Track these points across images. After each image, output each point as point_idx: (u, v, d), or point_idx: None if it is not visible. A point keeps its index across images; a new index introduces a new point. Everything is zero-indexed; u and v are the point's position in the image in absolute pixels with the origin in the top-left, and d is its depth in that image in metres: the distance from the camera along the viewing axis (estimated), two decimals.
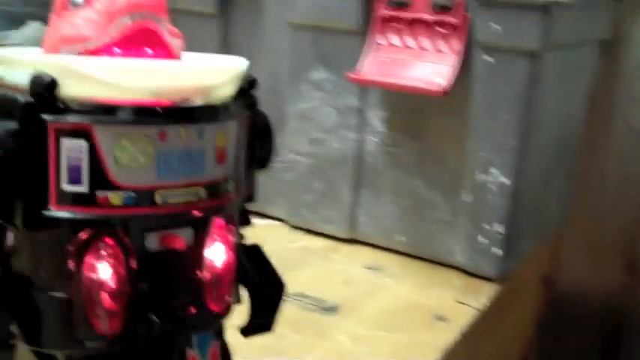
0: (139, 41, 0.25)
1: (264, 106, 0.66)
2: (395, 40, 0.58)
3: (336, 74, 0.62)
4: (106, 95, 0.23)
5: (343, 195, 0.64)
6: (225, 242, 0.27)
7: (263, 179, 0.67)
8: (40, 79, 0.22)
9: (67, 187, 0.23)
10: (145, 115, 0.23)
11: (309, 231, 0.66)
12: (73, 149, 0.23)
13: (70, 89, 0.23)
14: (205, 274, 0.27)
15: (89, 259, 0.24)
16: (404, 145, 0.61)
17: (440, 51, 0.57)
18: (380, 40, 0.59)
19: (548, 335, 0.84)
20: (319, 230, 0.66)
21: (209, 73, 0.25)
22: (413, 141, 0.61)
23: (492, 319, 0.59)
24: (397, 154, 0.62)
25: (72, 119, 0.23)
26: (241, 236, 0.31)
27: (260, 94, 0.68)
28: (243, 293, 0.32)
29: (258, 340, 0.47)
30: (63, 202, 0.23)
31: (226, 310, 0.29)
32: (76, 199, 0.23)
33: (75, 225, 0.24)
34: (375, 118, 0.62)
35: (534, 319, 0.78)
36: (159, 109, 0.24)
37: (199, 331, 0.28)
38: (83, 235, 0.24)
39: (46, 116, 0.23)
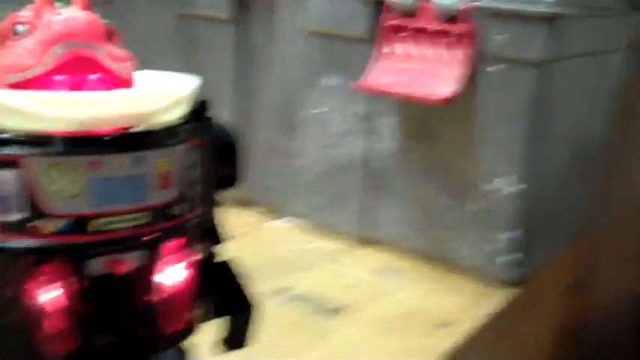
0: (79, 69, 0.25)
1: (278, 111, 0.68)
2: (401, 48, 0.59)
3: (346, 81, 0.63)
4: (35, 127, 0.23)
5: (354, 199, 0.65)
6: (179, 263, 0.28)
7: (280, 182, 0.68)
8: None
9: (0, 217, 0.24)
10: (74, 145, 0.24)
11: (322, 233, 0.67)
12: (4, 180, 0.24)
13: (3, 121, 0.24)
14: (154, 296, 0.27)
15: (30, 286, 0.25)
16: (414, 152, 0.61)
17: (445, 60, 0.57)
18: (387, 48, 0.59)
19: (582, 341, 0.83)
20: (332, 233, 0.67)
21: (146, 100, 0.26)
22: (422, 148, 0.61)
23: (506, 325, 0.59)
24: (407, 160, 0.62)
25: (3, 150, 0.23)
26: (210, 254, 0.31)
27: (274, 99, 0.69)
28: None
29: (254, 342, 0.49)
30: None
31: (183, 331, 0.29)
32: (10, 228, 0.24)
33: (13, 253, 0.24)
34: (385, 125, 0.63)
35: (558, 325, 0.78)
36: (88, 140, 0.24)
37: (152, 351, 0.28)
38: (23, 263, 0.24)
39: None
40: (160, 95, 0.26)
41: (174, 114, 0.27)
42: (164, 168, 0.26)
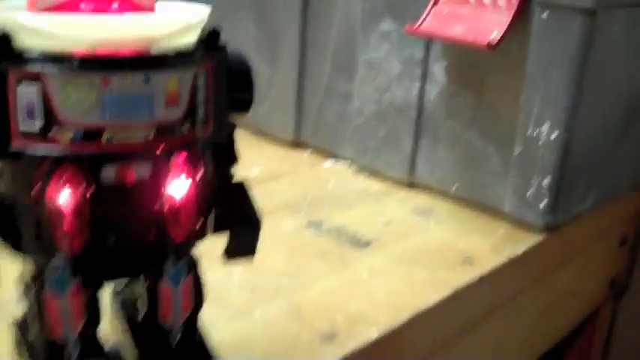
0: None
1: (337, 55, 0.70)
2: None
3: (402, 26, 0.64)
4: (54, 46, 0.27)
5: (404, 142, 0.67)
6: (186, 177, 0.30)
7: (335, 122, 0.71)
8: None
9: (24, 125, 0.28)
10: (88, 64, 0.27)
11: (371, 174, 0.70)
12: (28, 93, 0.27)
13: (25, 41, 0.27)
14: (163, 206, 0.30)
15: (49, 189, 0.28)
16: (462, 97, 0.62)
17: (498, 6, 0.57)
18: None
19: (632, 298, 0.82)
20: (381, 174, 0.69)
21: (157, 25, 0.28)
22: (471, 93, 0.62)
23: (535, 269, 0.60)
24: (455, 105, 0.63)
25: (27, 67, 0.27)
26: (225, 173, 0.34)
27: (334, 41, 0.71)
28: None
29: (279, 262, 0.52)
30: (23, 139, 0.28)
31: (188, 240, 0.31)
32: (32, 136, 0.28)
33: (35, 158, 0.28)
34: (438, 70, 0.64)
35: (605, 279, 0.77)
36: (101, 59, 0.27)
37: (160, 256, 0.31)
38: (44, 167, 0.28)
39: (5, 65, 0.27)
40: (170, 21, 0.29)
41: (184, 39, 0.29)
42: (172, 88, 0.28)
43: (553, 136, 0.57)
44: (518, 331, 0.63)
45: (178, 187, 0.30)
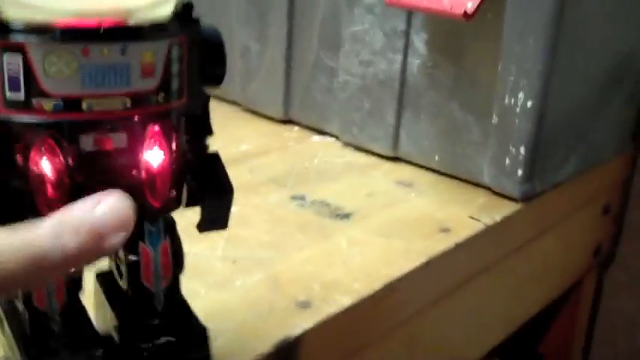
0: None
1: (322, 30, 0.71)
2: None
3: None
4: (36, 17, 0.28)
5: (388, 115, 0.68)
6: (161, 146, 0.32)
7: (322, 98, 0.72)
8: None
9: (9, 95, 0.29)
10: (69, 34, 0.28)
11: (357, 148, 0.71)
12: (12, 62, 0.29)
13: (9, 12, 0.28)
14: (141, 173, 0.32)
15: (33, 155, 0.30)
16: (442, 68, 0.63)
17: None
18: None
19: (616, 267, 0.83)
20: (366, 148, 0.70)
21: None
22: (451, 64, 0.63)
23: (512, 238, 0.61)
24: (436, 76, 0.64)
25: (11, 38, 0.28)
26: (199, 143, 0.36)
27: (320, 17, 0.71)
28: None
29: (262, 234, 0.54)
30: (8, 108, 0.29)
31: (166, 206, 0.33)
32: (17, 105, 0.29)
33: (20, 127, 0.30)
34: (419, 41, 0.65)
35: (589, 248, 0.79)
36: (80, 30, 0.28)
37: (138, 220, 0.32)
38: (27, 135, 0.30)
39: None
40: None
41: (159, 12, 0.30)
42: (147, 59, 0.30)
43: (529, 105, 0.58)
44: (497, 300, 0.65)
45: (154, 155, 0.32)
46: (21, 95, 0.29)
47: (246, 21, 0.78)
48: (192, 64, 0.33)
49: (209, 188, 0.36)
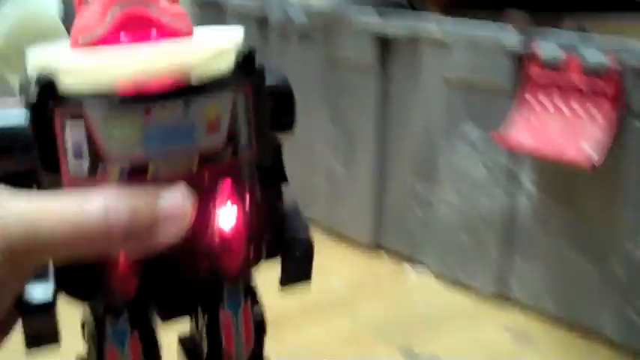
0: (137, 26, 0.28)
1: (417, 159, 0.67)
2: (544, 102, 0.57)
3: (486, 131, 0.62)
4: (95, 85, 0.27)
5: (490, 254, 0.64)
6: (233, 204, 0.29)
7: (416, 230, 0.68)
8: (43, 78, 0.27)
9: (73, 167, 0.27)
10: (127, 100, 0.27)
11: (455, 287, 0.66)
12: (75, 133, 0.27)
13: (68, 81, 0.27)
14: (214, 238, 0.29)
15: None
16: (555, 209, 0.59)
17: (591, 118, 0.54)
18: (529, 101, 0.57)
19: None
20: (465, 287, 0.66)
21: (191, 52, 0.28)
22: (564, 206, 0.59)
23: None
24: (548, 217, 0.60)
25: (71, 107, 0.27)
26: (275, 196, 0.33)
27: (414, 145, 0.68)
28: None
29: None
30: (72, 182, 0.27)
31: (241, 270, 0.31)
32: (81, 178, 0.27)
33: None
34: (527, 179, 0.61)
35: None
36: (139, 95, 0.27)
37: (213, 290, 0.31)
38: None
39: (51, 105, 0.27)
40: (205, 47, 0.29)
41: (220, 64, 0.29)
42: (212, 114, 0.28)
43: None
44: None
45: (227, 216, 0.29)
46: (85, 165, 0.27)
47: (331, 143, 0.75)
48: (260, 113, 0.31)
49: (291, 241, 0.33)
